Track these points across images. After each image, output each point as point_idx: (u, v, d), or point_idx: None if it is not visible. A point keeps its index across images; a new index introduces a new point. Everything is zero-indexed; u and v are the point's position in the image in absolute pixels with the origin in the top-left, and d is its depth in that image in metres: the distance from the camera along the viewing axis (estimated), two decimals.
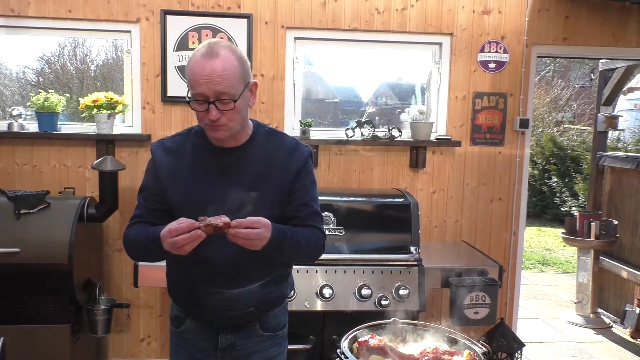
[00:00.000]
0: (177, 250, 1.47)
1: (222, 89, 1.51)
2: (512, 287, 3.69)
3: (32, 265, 2.79)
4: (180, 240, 1.44)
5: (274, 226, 1.54)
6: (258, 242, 1.49)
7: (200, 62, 1.52)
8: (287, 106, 3.45)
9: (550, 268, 7.11)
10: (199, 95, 1.53)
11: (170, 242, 1.46)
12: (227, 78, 1.51)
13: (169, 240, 1.46)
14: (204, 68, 1.51)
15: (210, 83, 1.50)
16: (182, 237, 1.44)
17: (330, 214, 2.84)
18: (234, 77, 1.53)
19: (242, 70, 1.56)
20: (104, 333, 3.11)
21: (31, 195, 2.90)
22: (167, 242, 1.47)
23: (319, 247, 1.72)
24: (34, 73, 4.19)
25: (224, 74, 1.51)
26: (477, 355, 1.38)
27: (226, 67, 1.52)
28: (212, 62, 1.51)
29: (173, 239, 1.45)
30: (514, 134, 3.58)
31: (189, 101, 1.57)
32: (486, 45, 3.48)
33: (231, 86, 1.52)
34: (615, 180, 5.22)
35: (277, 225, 1.57)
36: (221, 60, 1.51)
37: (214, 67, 1.50)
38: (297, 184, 1.68)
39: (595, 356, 4.22)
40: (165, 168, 1.68)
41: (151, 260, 1.73)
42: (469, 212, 3.62)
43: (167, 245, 1.48)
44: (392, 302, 2.73)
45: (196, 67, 1.53)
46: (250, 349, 1.77)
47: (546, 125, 12.08)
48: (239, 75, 1.55)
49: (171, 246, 1.47)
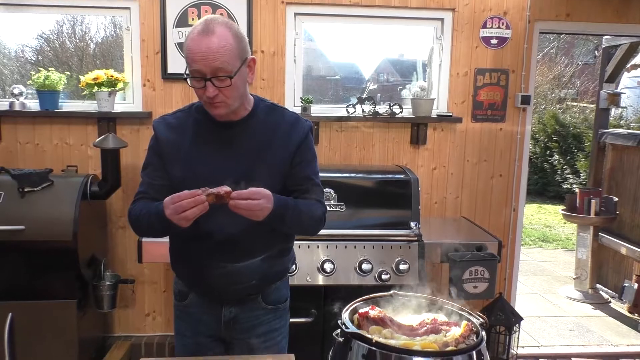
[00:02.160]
0: (180, 218, 1.47)
1: (218, 65, 1.52)
2: (512, 262, 3.73)
3: (37, 243, 2.83)
4: (184, 203, 1.45)
5: (276, 197, 1.56)
6: (260, 213, 1.51)
7: (197, 39, 1.53)
8: (287, 83, 3.45)
9: (550, 244, 7.16)
10: (196, 72, 1.54)
11: (173, 207, 1.46)
12: (222, 55, 1.52)
13: (171, 205, 1.47)
14: (200, 45, 1.52)
15: (206, 60, 1.52)
16: (187, 201, 1.45)
17: (331, 190, 2.86)
18: (230, 54, 1.54)
19: (238, 47, 1.57)
20: (109, 308, 3.16)
21: (34, 174, 2.92)
22: (170, 208, 1.47)
23: (321, 219, 1.75)
24: (33, 51, 4.18)
25: (219, 50, 1.52)
26: (474, 326, 1.41)
27: (222, 44, 1.52)
28: (208, 39, 1.52)
29: (177, 203, 1.46)
30: (516, 110, 3.58)
31: (187, 78, 1.58)
32: (488, 21, 3.45)
33: (227, 62, 1.53)
34: (616, 158, 5.23)
35: (279, 196, 1.59)
36: (217, 37, 1.52)
37: (209, 44, 1.51)
38: (298, 157, 1.70)
39: (592, 330, 4.29)
40: (167, 144, 1.69)
41: (155, 236, 1.74)
42: (470, 189, 3.63)
43: (169, 211, 1.48)
44: (392, 277, 2.77)
45: (192, 44, 1.54)
46: (253, 321, 1.81)
47: (549, 102, 12.02)
48: (235, 52, 1.56)
49: (174, 211, 1.47)
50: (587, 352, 3.85)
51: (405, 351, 1.27)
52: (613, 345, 4.02)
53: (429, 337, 1.39)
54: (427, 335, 1.40)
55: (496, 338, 3.26)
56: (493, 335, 3.25)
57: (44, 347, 2.91)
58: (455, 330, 1.41)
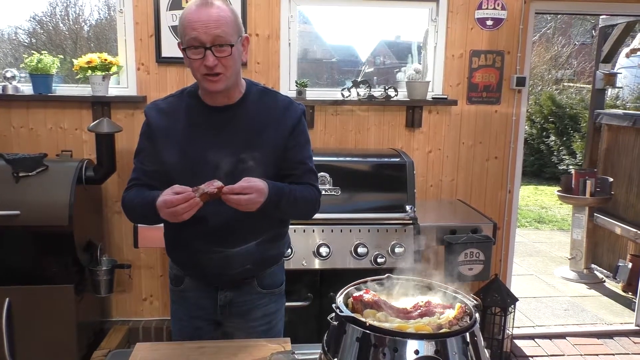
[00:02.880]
0: (176, 220, 1.50)
1: (219, 33, 1.53)
2: (507, 244, 3.75)
3: (33, 227, 2.83)
4: (179, 209, 1.47)
5: (271, 185, 1.56)
6: (251, 207, 1.51)
7: (196, 11, 1.54)
8: (282, 66, 3.42)
9: (546, 226, 7.20)
10: (195, 41, 1.53)
11: (169, 212, 1.48)
12: (223, 24, 1.54)
13: (166, 210, 1.49)
14: (199, 14, 1.53)
15: (207, 27, 1.52)
16: (182, 207, 1.46)
17: (327, 174, 2.86)
18: (230, 24, 1.56)
19: (235, 21, 1.60)
20: (106, 293, 3.18)
21: (29, 158, 2.91)
22: (165, 212, 1.49)
23: (315, 204, 1.76)
24: (26, 34, 4.13)
25: (219, 19, 1.54)
26: (467, 308, 1.42)
27: (222, 14, 1.55)
28: (207, 9, 1.54)
29: (171, 209, 1.47)
30: (511, 92, 3.56)
31: (185, 49, 1.57)
32: (484, 1, 3.42)
33: (227, 32, 1.55)
34: (612, 138, 5.23)
35: (274, 184, 1.59)
36: (216, 9, 1.55)
37: (210, 13, 1.53)
38: (291, 141, 1.69)
39: (587, 309, 4.34)
40: (159, 129, 1.69)
41: (148, 224, 1.76)
42: (465, 171, 3.64)
43: (164, 215, 1.51)
44: (387, 260, 2.78)
45: (191, 14, 1.55)
46: (249, 305, 1.83)
47: (545, 83, 11.98)
48: (234, 25, 1.58)
49: (169, 216, 1.49)
50: (582, 331, 3.90)
51: (399, 334, 1.28)
52: (607, 324, 4.07)
53: (422, 319, 1.39)
54: (420, 317, 1.41)
55: (492, 319, 3.29)
56: (489, 316, 3.28)
57: (42, 332, 2.92)
58: (449, 312, 1.42)
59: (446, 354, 1.25)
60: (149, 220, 1.68)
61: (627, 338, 3.79)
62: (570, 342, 3.73)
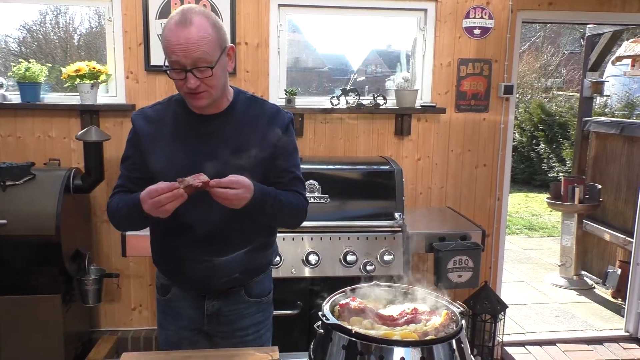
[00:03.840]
0: (159, 212, 1.47)
1: (199, 55, 1.50)
2: (497, 251, 3.76)
3: (20, 237, 2.81)
4: (163, 199, 1.45)
5: (257, 186, 1.56)
6: (237, 202, 1.50)
7: (174, 31, 1.50)
8: (271, 74, 3.43)
9: (537, 233, 7.23)
10: (176, 64, 1.52)
11: (152, 202, 1.46)
12: (202, 45, 1.50)
13: (149, 201, 1.47)
14: (178, 36, 1.50)
15: (186, 51, 1.49)
16: (165, 196, 1.45)
17: (316, 182, 2.86)
18: (210, 44, 1.52)
19: (217, 36, 1.55)
20: (95, 302, 3.15)
21: (16, 167, 2.89)
22: (148, 203, 1.47)
23: (302, 212, 1.74)
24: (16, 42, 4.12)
25: (199, 41, 1.50)
26: (454, 315, 1.42)
27: (201, 34, 1.50)
28: (186, 30, 1.49)
29: (155, 199, 1.45)
30: (499, 100, 3.59)
31: (167, 70, 1.56)
32: (471, 11, 3.46)
33: (207, 52, 1.52)
34: (600, 145, 5.28)
35: (261, 185, 1.58)
36: (196, 27, 1.50)
37: (188, 35, 1.49)
38: (278, 149, 1.69)
39: (577, 316, 4.35)
40: (146, 137, 1.68)
41: (134, 228, 1.74)
42: (454, 179, 3.65)
43: (147, 206, 1.48)
44: (377, 268, 2.78)
45: (170, 35, 1.51)
46: (236, 315, 1.82)
47: (535, 91, 12.08)
48: (215, 41, 1.54)
49: (152, 206, 1.47)
50: (572, 338, 3.91)
51: (385, 341, 1.28)
52: (597, 330, 4.08)
53: (409, 326, 1.39)
54: (407, 325, 1.41)
55: (482, 326, 3.29)
56: (479, 324, 3.28)
57: (30, 342, 2.90)
58: (436, 319, 1.42)
59: None
60: (133, 221, 1.65)
61: (616, 344, 3.81)
62: (561, 349, 3.73)
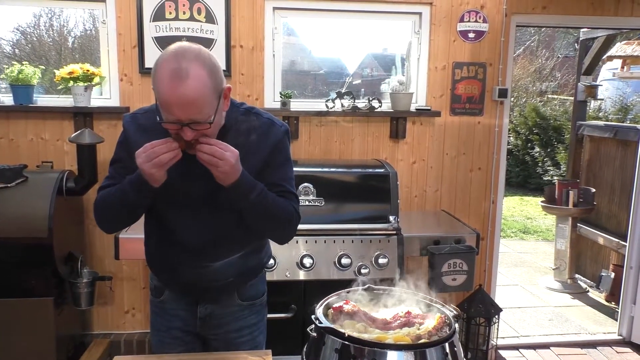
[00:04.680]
0: (153, 164, 1.45)
1: (196, 114, 1.43)
2: (491, 254, 3.76)
3: (12, 239, 2.79)
4: (157, 149, 1.43)
5: (246, 172, 1.54)
6: (223, 169, 1.47)
7: (169, 86, 1.40)
8: (267, 77, 3.43)
9: (531, 236, 7.25)
10: (171, 118, 1.45)
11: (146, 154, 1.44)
12: (200, 104, 1.42)
13: (143, 154, 1.45)
14: (173, 93, 1.40)
15: (182, 109, 1.42)
16: (159, 147, 1.44)
17: (310, 185, 2.86)
18: (208, 99, 1.44)
19: (214, 85, 1.46)
20: (87, 305, 3.13)
21: (8, 169, 2.88)
22: (142, 156, 1.45)
23: (290, 220, 1.68)
24: (10, 45, 4.10)
25: (196, 99, 1.41)
26: (447, 318, 1.42)
27: (198, 90, 1.41)
28: (182, 86, 1.39)
29: (148, 151, 1.44)
30: (493, 103, 3.60)
31: (160, 122, 1.48)
32: (466, 14, 3.47)
33: (205, 110, 1.44)
34: (593, 149, 5.30)
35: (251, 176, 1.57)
36: (192, 82, 1.39)
37: (185, 92, 1.39)
38: (270, 163, 1.66)
39: (571, 319, 4.35)
40: (137, 145, 1.61)
41: (121, 219, 1.68)
42: (449, 182, 3.66)
43: (141, 160, 1.45)
44: (371, 271, 2.78)
45: (165, 90, 1.41)
46: (229, 317, 1.81)
47: (530, 95, 12.12)
48: (212, 93, 1.45)
49: (147, 159, 1.45)
50: (565, 341, 3.92)
51: (378, 345, 1.27)
52: (590, 333, 4.09)
53: (402, 330, 1.39)
54: (400, 328, 1.41)
55: (476, 329, 3.29)
56: (473, 327, 3.28)
57: (21, 345, 2.87)
58: (429, 322, 1.42)
59: None
60: (122, 207, 1.60)
61: (610, 348, 3.81)
62: (554, 352, 3.74)
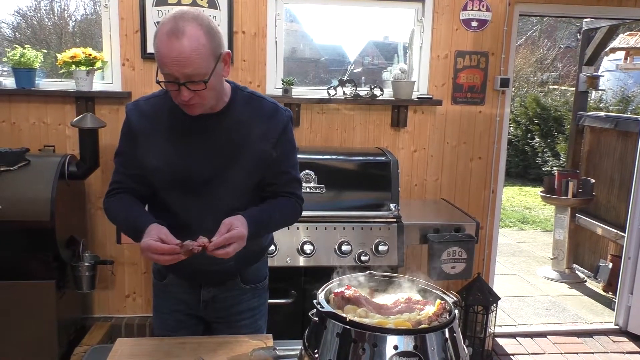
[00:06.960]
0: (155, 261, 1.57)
1: (191, 71, 1.44)
2: (490, 243, 3.78)
3: (14, 223, 2.80)
4: (161, 259, 1.46)
5: (250, 219, 1.55)
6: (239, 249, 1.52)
7: (166, 43, 1.43)
8: (269, 64, 3.42)
9: (530, 226, 7.28)
10: (168, 77, 1.47)
11: (150, 256, 1.48)
12: (195, 60, 1.43)
13: (149, 254, 1.48)
14: (170, 49, 1.42)
15: (178, 66, 1.43)
16: (165, 258, 1.46)
17: (312, 172, 2.87)
18: (203, 57, 1.45)
19: (211, 46, 1.47)
20: (88, 289, 3.15)
21: (10, 153, 2.88)
22: (147, 254, 1.48)
23: (296, 215, 1.78)
24: (10, 28, 4.09)
25: (191, 55, 1.42)
26: (447, 304, 1.44)
27: (194, 47, 1.42)
28: (178, 43, 1.41)
29: (154, 256, 1.47)
30: (495, 93, 3.60)
31: (159, 82, 1.50)
32: (469, 3, 3.45)
33: (201, 67, 1.45)
34: (594, 140, 5.31)
35: (252, 217, 1.57)
36: (188, 39, 1.42)
37: (181, 49, 1.41)
38: (276, 150, 1.66)
39: (568, 309, 4.39)
40: (141, 133, 1.64)
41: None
42: (449, 171, 3.67)
43: (144, 253, 1.50)
44: (371, 258, 2.80)
45: (162, 47, 1.44)
46: (232, 301, 1.83)
47: (531, 85, 12.10)
48: (209, 52, 1.46)
49: (150, 258, 1.50)
50: (562, 330, 3.95)
51: (378, 329, 1.29)
52: (587, 323, 4.12)
53: (402, 315, 1.41)
54: (401, 313, 1.42)
55: (474, 317, 3.32)
56: (471, 315, 3.31)
57: (23, 328, 2.90)
58: (429, 308, 1.44)
59: (425, 350, 1.26)
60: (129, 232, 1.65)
61: (606, 337, 3.85)
62: (551, 341, 3.77)
